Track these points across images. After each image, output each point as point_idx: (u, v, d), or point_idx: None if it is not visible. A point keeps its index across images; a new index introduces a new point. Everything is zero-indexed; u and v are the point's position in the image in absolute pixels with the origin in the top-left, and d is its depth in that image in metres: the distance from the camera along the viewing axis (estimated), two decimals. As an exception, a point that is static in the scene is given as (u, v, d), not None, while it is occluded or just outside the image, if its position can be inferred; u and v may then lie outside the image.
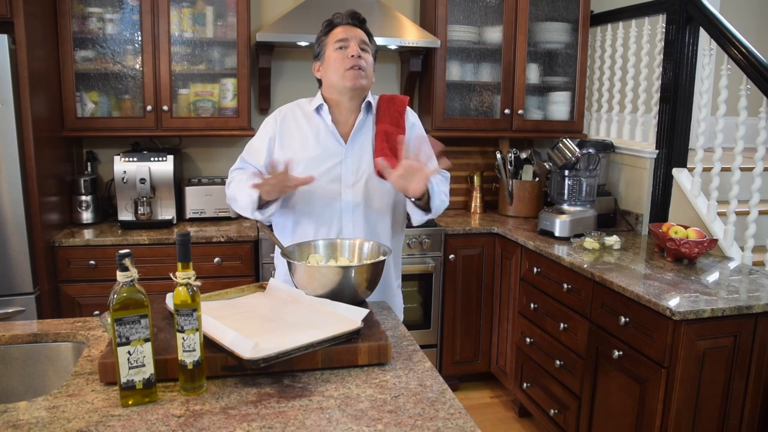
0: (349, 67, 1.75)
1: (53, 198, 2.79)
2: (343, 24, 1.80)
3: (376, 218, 1.86)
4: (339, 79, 1.77)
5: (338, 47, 1.77)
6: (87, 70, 2.97)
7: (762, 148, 2.52)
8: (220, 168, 3.48)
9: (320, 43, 1.83)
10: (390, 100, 1.90)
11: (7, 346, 1.52)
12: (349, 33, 1.78)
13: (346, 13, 1.81)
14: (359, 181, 1.82)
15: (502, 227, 3.18)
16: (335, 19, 1.81)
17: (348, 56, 1.75)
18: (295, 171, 1.74)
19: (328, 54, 1.79)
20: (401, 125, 1.86)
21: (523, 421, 3.05)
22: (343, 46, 1.77)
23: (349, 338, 1.36)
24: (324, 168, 1.81)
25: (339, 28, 1.79)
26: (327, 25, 1.82)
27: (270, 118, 1.90)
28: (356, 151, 1.84)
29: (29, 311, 2.57)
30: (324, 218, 1.83)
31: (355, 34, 1.78)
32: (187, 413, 1.15)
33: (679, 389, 1.98)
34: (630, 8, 3.22)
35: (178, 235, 1.20)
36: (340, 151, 1.82)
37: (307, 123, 1.86)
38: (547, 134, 3.55)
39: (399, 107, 1.89)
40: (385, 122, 1.85)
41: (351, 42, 1.76)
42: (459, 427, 1.13)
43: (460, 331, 3.25)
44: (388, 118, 1.86)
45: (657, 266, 2.46)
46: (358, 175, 1.82)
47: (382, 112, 1.87)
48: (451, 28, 3.36)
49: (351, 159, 1.83)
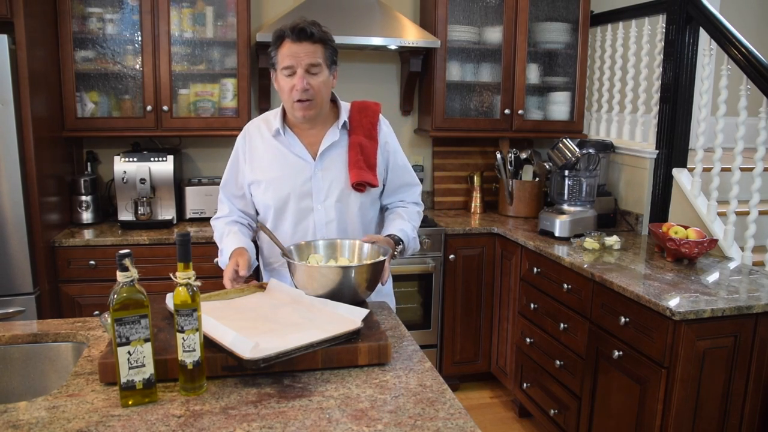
0: (295, 99, 1.69)
1: (53, 198, 2.79)
2: (291, 40, 1.67)
3: (351, 232, 1.83)
4: (289, 108, 1.74)
5: (286, 74, 1.69)
6: (87, 70, 2.97)
7: (762, 148, 2.52)
8: (220, 168, 3.44)
9: (271, 56, 1.74)
10: (362, 109, 1.84)
11: (7, 346, 1.52)
12: (296, 56, 1.66)
13: (292, 26, 1.67)
14: (331, 197, 1.79)
15: (502, 227, 3.18)
16: (284, 32, 1.69)
17: (294, 88, 1.67)
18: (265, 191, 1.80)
19: (279, 76, 1.72)
20: (374, 137, 1.82)
21: (523, 421, 3.05)
22: (290, 73, 1.68)
23: (349, 338, 1.36)
24: (293, 185, 1.78)
25: (286, 46, 1.68)
26: (276, 38, 1.71)
27: (239, 138, 1.87)
28: (326, 165, 1.79)
29: (29, 311, 2.57)
30: (298, 235, 1.81)
31: (303, 55, 1.66)
32: (187, 413, 1.15)
33: (679, 389, 1.98)
34: (630, 8, 3.22)
35: (178, 235, 1.20)
36: (308, 168, 1.78)
37: (274, 139, 1.81)
38: (547, 134, 3.55)
39: (371, 117, 1.84)
40: (359, 134, 1.80)
41: (297, 69, 1.66)
42: (459, 427, 1.13)
43: (460, 331, 3.25)
44: (361, 129, 1.81)
45: (657, 266, 2.46)
46: (330, 189, 1.79)
47: (355, 123, 1.82)
48: (451, 28, 3.36)
49: (321, 174, 1.79)
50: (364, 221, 1.87)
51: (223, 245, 1.83)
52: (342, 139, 1.81)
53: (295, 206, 1.79)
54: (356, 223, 1.84)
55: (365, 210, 1.86)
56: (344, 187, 1.79)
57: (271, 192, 1.80)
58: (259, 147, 1.83)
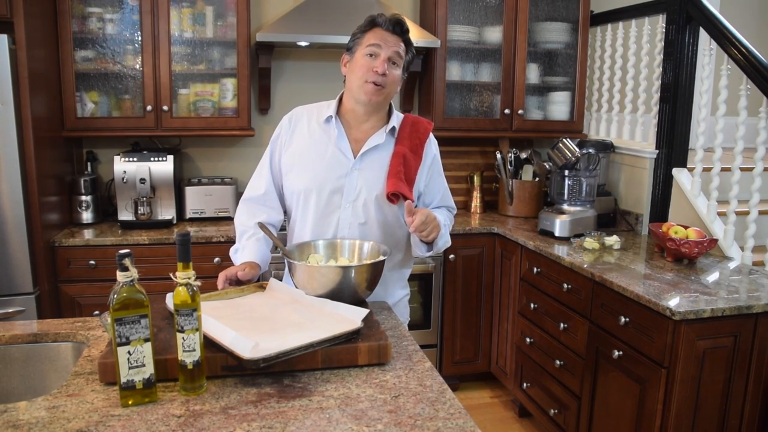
0: (369, 80, 1.68)
1: (53, 198, 2.79)
2: (383, 27, 1.70)
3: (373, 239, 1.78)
4: (357, 87, 1.71)
5: (368, 53, 1.69)
6: (87, 70, 2.97)
7: (762, 148, 2.52)
8: (220, 168, 3.48)
9: (355, 38, 1.74)
10: (415, 123, 1.83)
11: (7, 346, 1.52)
12: (385, 40, 1.69)
13: (390, 17, 1.71)
14: (361, 198, 1.75)
15: (502, 227, 3.18)
16: (378, 18, 1.71)
17: (372, 68, 1.68)
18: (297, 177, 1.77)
19: (358, 55, 1.71)
20: (419, 153, 1.80)
21: (523, 421, 3.05)
22: (374, 53, 1.69)
23: (349, 338, 1.36)
24: (326, 177, 1.75)
25: (377, 31, 1.70)
26: (368, 23, 1.72)
27: (285, 119, 1.85)
28: (365, 166, 1.76)
29: (29, 311, 2.57)
30: (319, 229, 1.78)
31: (392, 43, 1.69)
32: (187, 413, 1.15)
33: (679, 389, 1.98)
34: (630, 8, 3.22)
35: (178, 235, 1.20)
36: (346, 164, 1.75)
37: (320, 128, 1.79)
38: (547, 134, 3.55)
39: (422, 134, 1.82)
40: (404, 145, 1.77)
41: (382, 53, 1.68)
42: (459, 427, 1.13)
43: (460, 331, 3.25)
44: (408, 142, 1.78)
45: (657, 266, 2.46)
46: (363, 191, 1.75)
47: (404, 134, 1.80)
48: (451, 28, 3.36)
49: (358, 173, 1.75)
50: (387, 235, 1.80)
51: (242, 244, 1.80)
52: (387, 144, 1.78)
53: (323, 199, 1.76)
54: (378, 234, 1.79)
55: (391, 224, 1.81)
56: (378, 194, 1.75)
57: (302, 178, 1.77)
58: (304, 130, 1.80)
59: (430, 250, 1.79)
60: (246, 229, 1.84)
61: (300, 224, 1.81)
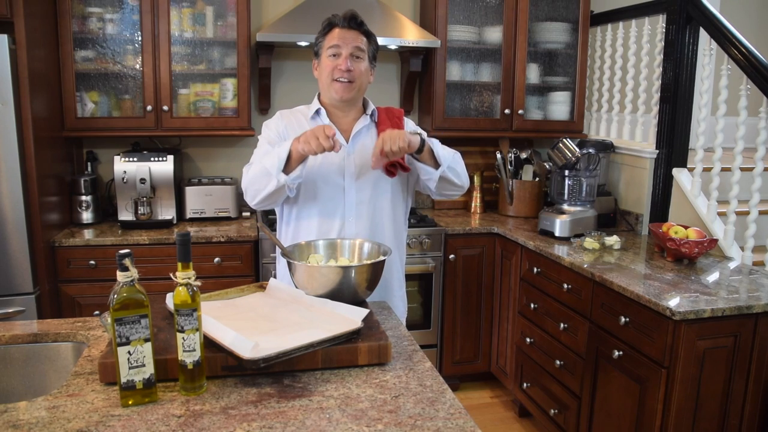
0: (336, 78, 1.77)
1: (53, 198, 2.79)
2: (340, 26, 1.79)
3: (379, 216, 1.87)
4: (327, 87, 1.81)
5: (331, 54, 1.78)
6: (87, 70, 2.97)
7: (762, 148, 2.52)
8: (220, 168, 3.48)
9: (318, 43, 1.84)
10: (388, 110, 1.95)
11: (7, 346, 1.52)
12: (344, 39, 1.77)
13: (344, 14, 1.79)
14: (362, 177, 1.84)
15: (502, 227, 3.18)
16: (334, 19, 1.80)
17: (337, 67, 1.77)
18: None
19: (323, 58, 1.81)
20: (401, 127, 1.91)
21: (523, 421, 3.05)
22: (336, 53, 1.77)
23: (349, 338, 1.36)
24: (329, 161, 1.82)
25: (335, 31, 1.79)
26: (326, 26, 1.81)
27: (274, 118, 1.92)
28: (358, 150, 1.86)
29: (29, 311, 2.57)
30: (327, 211, 1.83)
31: (350, 39, 1.77)
32: (187, 413, 1.15)
33: (679, 389, 1.98)
34: (630, 8, 3.22)
35: (178, 235, 1.20)
36: (343, 147, 1.83)
37: (309, 125, 1.86)
38: (547, 134, 3.55)
39: (397, 115, 1.94)
40: (386, 125, 1.88)
41: (343, 50, 1.76)
42: (459, 427, 1.13)
43: (460, 331, 3.25)
44: (389, 122, 1.90)
45: (657, 266, 2.46)
46: (362, 171, 1.84)
47: (382, 119, 1.92)
48: (451, 28, 3.36)
49: (355, 155, 1.85)
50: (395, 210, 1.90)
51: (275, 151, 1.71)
52: (371, 128, 1.90)
53: (327, 183, 1.82)
54: (386, 209, 1.87)
55: (396, 197, 1.90)
56: (376, 171, 1.83)
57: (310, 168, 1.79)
58: (295, 126, 1.87)
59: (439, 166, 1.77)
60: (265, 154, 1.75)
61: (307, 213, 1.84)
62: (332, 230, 1.83)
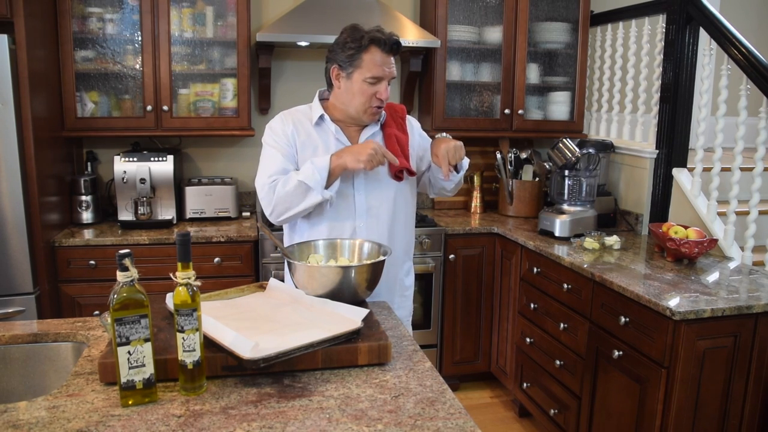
0: (374, 106, 1.79)
1: (53, 198, 2.79)
2: (382, 50, 1.73)
3: (390, 223, 1.88)
4: (358, 112, 1.80)
5: (370, 81, 1.74)
6: (87, 70, 2.97)
7: (762, 148, 2.52)
8: (220, 168, 3.48)
9: (351, 57, 1.73)
10: (390, 107, 1.95)
11: (7, 346, 1.52)
12: (387, 66, 1.75)
13: (388, 38, 1.73)
14: (370, 183, 1.84)
15: (502, 227, 3.18)
16: (375, 37, 1.72)
17: (377, 95, 1.77)
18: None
19: (356, 78, 1.74)
20: (405, 130, 1.93)
21: (523, 421, 3.05)
22: (376, 82, 1.75)
23: (349, 338, 1.36)
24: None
25: (377, 55, 1.72)
26: (365, 41, 1.72)
27: (277, 121, 1.87)
28: None
29: (29, 311, 2.57)
30: (340, 217, 1.83)
31: (389, 65, 1.76)
32: (187, 413, 1.15)
33: (679, 389, 1.98)
34: (630, 8, 3.22)
35: (178, 235, 1.20)
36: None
37: (314, 129, 1.86)
38: (547, 134, 3.55)
39: (401, 114, 1.96)
40: (392, 126, 1.89)
41: (384, 82, 1.76)
42: (459, 427, 1.13)
43: (460, 331, 3.25)
44: (393, 123, 1.91)
45: (657, 266, 2.46)
46: (371, 176, 1.84)
47: (388, 118, 1.92)
48: (451, 28, 3.35)
49: None
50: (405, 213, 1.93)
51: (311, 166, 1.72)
52: (378, 134, 1.90)
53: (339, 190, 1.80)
54: (396, 212, 1.89)
55: (406, 200, 1.93)
56: (384, 176, 1.85)
57: None
58: (300, 129, 1.85)
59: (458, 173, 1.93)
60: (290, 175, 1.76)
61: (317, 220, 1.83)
62: (343, 236, 1.83)
